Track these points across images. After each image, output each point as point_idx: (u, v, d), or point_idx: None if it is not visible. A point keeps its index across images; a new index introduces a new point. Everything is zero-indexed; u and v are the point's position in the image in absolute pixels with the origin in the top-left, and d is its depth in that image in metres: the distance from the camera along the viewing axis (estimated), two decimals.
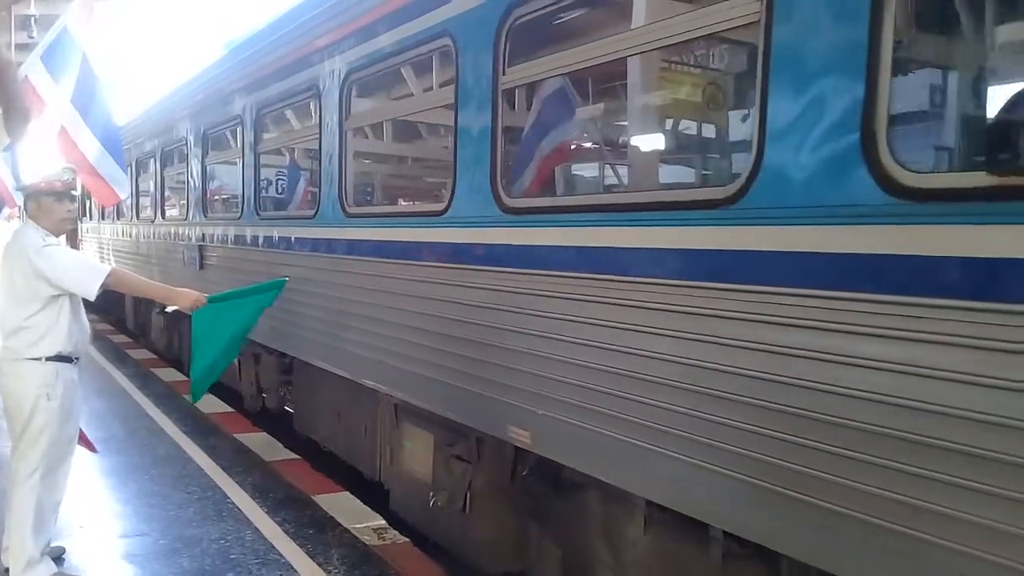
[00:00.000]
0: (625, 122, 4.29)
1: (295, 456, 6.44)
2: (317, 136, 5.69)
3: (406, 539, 4.73)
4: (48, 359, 3.83)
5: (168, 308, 4.51)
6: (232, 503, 5.19)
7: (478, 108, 3.87)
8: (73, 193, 4.10)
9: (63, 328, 3.87)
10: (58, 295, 3.85)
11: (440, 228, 4.25)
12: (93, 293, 3.86)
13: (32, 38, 18.17)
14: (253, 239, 6.96)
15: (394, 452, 5.31)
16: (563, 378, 3.35)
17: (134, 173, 11.17)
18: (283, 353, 6.85)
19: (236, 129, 7.50)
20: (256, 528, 4.77)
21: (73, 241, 15.53)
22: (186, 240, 8.96)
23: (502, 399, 3.77)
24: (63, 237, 4.12)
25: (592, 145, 5.16)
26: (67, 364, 3.93)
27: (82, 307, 4.09)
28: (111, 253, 13.39)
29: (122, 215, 12.80)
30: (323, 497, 5.38)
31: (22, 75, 5.73)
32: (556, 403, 3.41)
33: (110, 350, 11.51)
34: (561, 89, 4.09)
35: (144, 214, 11.47)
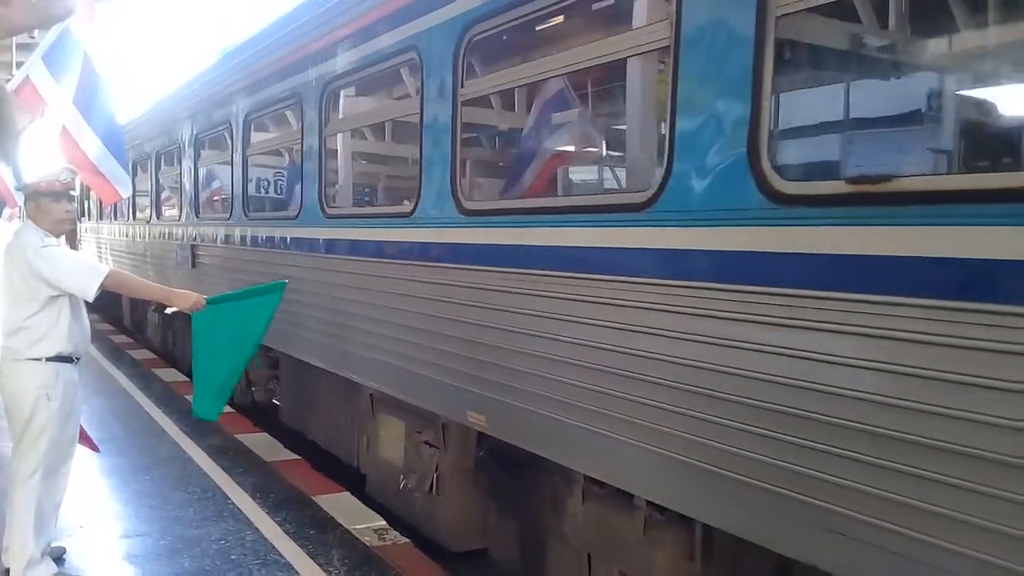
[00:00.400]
0: (565, 135, 4.63)
1: (296, 456, 6.46)
2: (299, 141, 6.02)
3: (407, 540, 4.74)
4: (48, 359, 3.82)
5: (168, 309, 4.47)
6: (233, 503, 5.19)
7: (441, 118, 4.20)
8: (72, 193, 4.09)
9: (63, 328, 3.87)
10: (57, 295, 3.85)
11: (408, 228, 4.58)
12: (91, 294, 3.87)
13: (33, 37, 18.34)
14: (242, 239, 7.29)
15: (370, 440, 5.65)
16: (512, 365, 3.68)
17: (131, 174, 11.47)
18: (269, 348, 7.17)
19: (226, 133, 7.84)
20: (257, 528, 4.77)
21: (73, 241, 15.80)
22: (179, 240, 9.30)
23: (462, 386, 4.10)
24: (63, 238, 4.13)
25: (537, 154, 5.51)
26: (67, 364, 3.92)
27: (83, 307, 4.09)
28: (109, 253, 13.74)
29: (120, 215, 13.15)
30: (324, 498, 5.39)
31: (23, 75, 5.89)
32: (507, 388, 3.74)
33: (110, 350, 11.56)
34: (512, 103, 4.43)
35: (140, 214, 11.82)
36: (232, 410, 8.09)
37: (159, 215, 10.77)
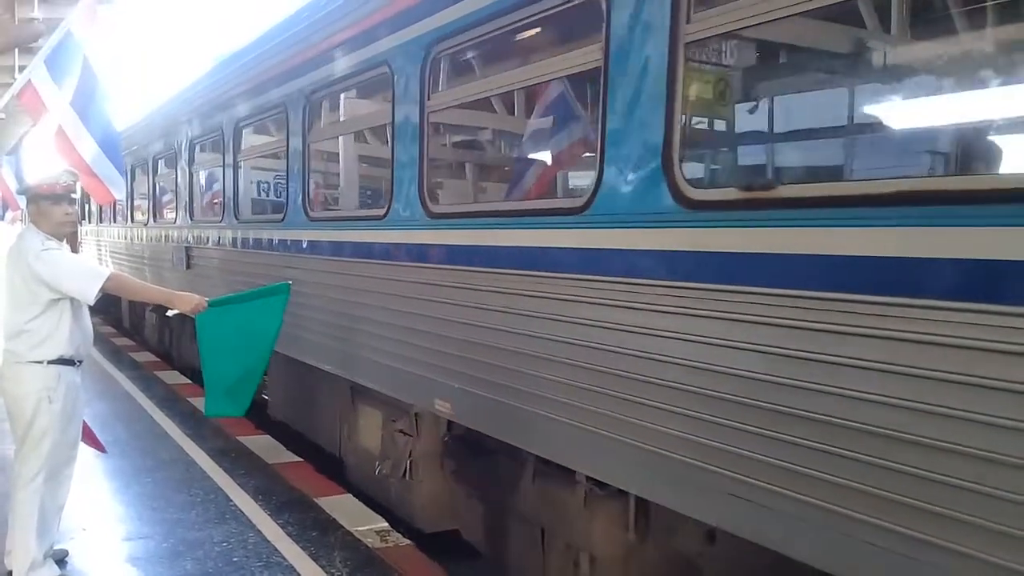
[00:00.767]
0: (517, 144, 4.97)
1: (298, 459, 6.50)
2: (285, 148, 6.36)
3: (409, 542, 4.78)
4: (50, 362, 3.84)
5: (169, 312, 4.47)
6: (235, 506, 5.21)
7: (410, 126, 4.53)
8: (72, 196, 4.10)
9: (65, 331, 3.88)
10: (59, 299, 3.86)
11: (381, 230, 4.91)
12: (92, 297, 3.89)
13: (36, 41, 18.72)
14: (232, 240, 7.63)
15: (350, 430, 5.98)
16: (472, 356, 4.02)
17: (129, 179, 11.82)
18: None
19: (218, 139, 8.18)
20: (259, 531, 4.79)
21: (74, 244, 16.10)
22: (175, 242, 9.64)
23: (430, 377, 4.43)
24: (64, 241, 4.12)
25: (494, 161, 5.84)
26: (69, 367, 3.94)
27: (85, 310, 4.09)
28: (109, 255, 14.08)
29: (119, 218, 13.51)
30: (326, 500, 5.42)
31: (26, 79, 6.06)
32: (468, 378, 4.07)
33: (112, 352, 11.64)
34: (472, 115, 4.77)
35: (138, 217, 12.16)
36: None
37: (156, 218, 11.10)
